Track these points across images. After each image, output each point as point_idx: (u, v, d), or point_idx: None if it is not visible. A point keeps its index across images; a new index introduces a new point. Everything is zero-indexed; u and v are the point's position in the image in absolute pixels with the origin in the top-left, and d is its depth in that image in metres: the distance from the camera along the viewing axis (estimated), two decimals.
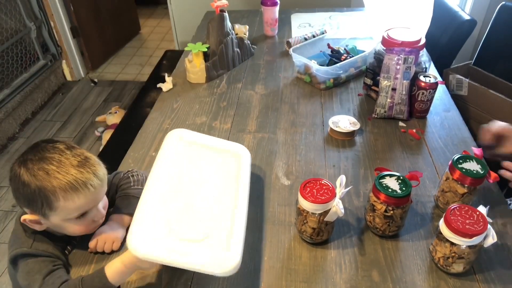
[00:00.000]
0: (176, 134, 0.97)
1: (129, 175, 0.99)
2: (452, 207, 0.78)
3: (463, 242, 0.74)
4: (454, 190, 0.89)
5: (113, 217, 0.92)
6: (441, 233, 0.77)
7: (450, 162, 0.90)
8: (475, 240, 0.74)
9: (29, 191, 0.76)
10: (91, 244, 0.87)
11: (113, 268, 0.76)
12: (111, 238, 0.87)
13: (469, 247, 0.75)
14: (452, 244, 0.76)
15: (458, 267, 0.79)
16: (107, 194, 0.94)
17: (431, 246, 0.84)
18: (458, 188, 0.88)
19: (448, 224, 0.75)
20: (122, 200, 0.94)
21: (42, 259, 0.80)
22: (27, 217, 0.80)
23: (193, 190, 0.87)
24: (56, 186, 0.75)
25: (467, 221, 0.75)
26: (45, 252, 0.82)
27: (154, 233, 0.75)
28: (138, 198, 0.94)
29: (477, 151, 0.90)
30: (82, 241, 0.89)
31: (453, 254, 0.77)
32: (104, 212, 0.87)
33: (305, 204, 0.81)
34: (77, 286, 0.75)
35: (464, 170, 0.87)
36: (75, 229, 0.83)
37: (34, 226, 0.81)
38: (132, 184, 0.96)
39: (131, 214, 0.93)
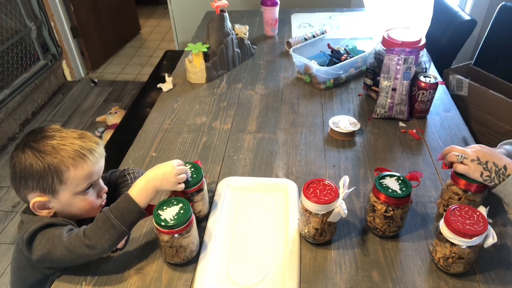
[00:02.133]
0: (225, 183, 1.03)
1: (125, 173, 1.00)
2: (452, 208, 0.78)
3: (463, 243, 0.74)
4: (459, 198, 0.89)
5: None
6: (441, 234, 0.77)
7: (452, 172, 0.89)
8: (475, 241, 0.74)
9: (38, 168, 0.78)
10: None
11: (136, 188, 0.80)
12: None
13: (469, 247, 0.75)
14: (452, 244, 0.76)
15: (458, 268, 0.79)
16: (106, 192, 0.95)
17: (431, 247, 0.84)
18: (464, 196, 0.88)
19: (448, 224, 0.75)
20: None
21: (61, 226, 0.81)
22: (37, 199, 0.80)
23: (247, 234, 0.92)
24: (65, 156, 0.79)
25: (467, 222, 0.75)
26: (65, 221, 0.83)
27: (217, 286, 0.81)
28: None
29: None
30: None
31: (453, 255, 0.77)
32: (106, 187, 0.90)
33: (308, 205, 0.81)
34: (107, 213, 0.78)
35: (467, 177, 0.86)
36: (83, 204, 0.85)
37: (42, 212, 0.82)
38: (129, 182, 0.97)
39: None
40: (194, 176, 0.89)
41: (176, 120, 1.32)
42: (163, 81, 1.49)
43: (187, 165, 0.92)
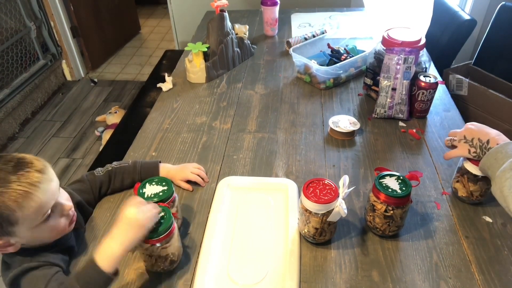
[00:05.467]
0: (225, 183, 1.03)
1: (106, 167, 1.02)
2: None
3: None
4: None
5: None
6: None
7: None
8: None
9: None
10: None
11: (102, 251, 0.72)
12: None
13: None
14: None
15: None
16: (100, 189, 0.98)
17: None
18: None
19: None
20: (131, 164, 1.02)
21: (43, 268, 0.76)
22: None
23: (247, 234, 0.92)
24: (4, 201, 0.69)
25: None
26: (47, 262, 0.77)
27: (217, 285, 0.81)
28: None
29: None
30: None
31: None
32: (70, 203, 0.82)
33: (308, 204, 0.81)
34: (73, 284, 0.70)
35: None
36: (48, 231, 0.78)
37: (7, 249, 0.75)
38: (127, 164, 1.02)
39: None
40: (162, 221, 0.77)
41: (176, 119, 1.31)
42: (163, 80, 1.49)
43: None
